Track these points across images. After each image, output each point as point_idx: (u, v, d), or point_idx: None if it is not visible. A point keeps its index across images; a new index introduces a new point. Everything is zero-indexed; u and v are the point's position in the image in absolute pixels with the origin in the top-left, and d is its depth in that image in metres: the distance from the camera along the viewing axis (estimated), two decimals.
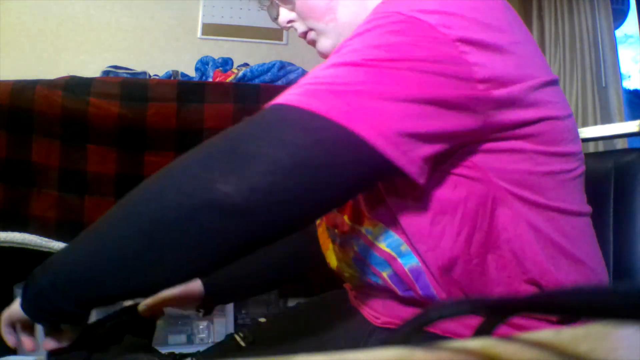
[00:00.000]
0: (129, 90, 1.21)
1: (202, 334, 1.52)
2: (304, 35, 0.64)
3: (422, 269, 0.52)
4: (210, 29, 2.82)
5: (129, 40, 2.69)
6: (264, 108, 0.46)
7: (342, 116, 0.41)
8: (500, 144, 0.48)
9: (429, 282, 0.52)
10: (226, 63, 1.66)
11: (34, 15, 2.54)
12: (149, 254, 0.42)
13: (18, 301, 0.49)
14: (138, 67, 1.85)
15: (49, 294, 0.45)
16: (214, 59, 1.66)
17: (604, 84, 2.20)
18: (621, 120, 2.08)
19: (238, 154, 0.41)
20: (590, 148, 1.76)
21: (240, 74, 1.44)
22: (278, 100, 0.45)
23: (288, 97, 0.44)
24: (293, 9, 0.62)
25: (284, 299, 1.86)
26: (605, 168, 0.74)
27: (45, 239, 1.19)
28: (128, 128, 1.20)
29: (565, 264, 0.51)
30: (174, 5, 2.76)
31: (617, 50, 2.51)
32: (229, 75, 1.47)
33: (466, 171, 0.49)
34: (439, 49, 0.43)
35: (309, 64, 2.57)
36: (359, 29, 0.47)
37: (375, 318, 0.61)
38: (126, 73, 1.65)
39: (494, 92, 0.45)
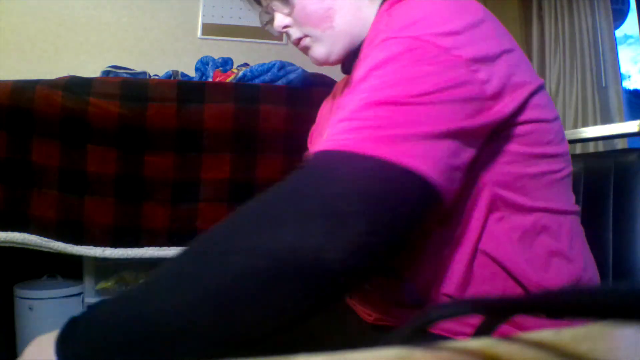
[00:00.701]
0: (129, 90, 1.21)
1: None
2: (298, 41, 0.64)
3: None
4: (210, 29, 2.82)
5: (129, 40, 2.69)
6: (320, 153, 0.43)
7: (409, 161, 0.40)
8: (491, 146, 0.49)
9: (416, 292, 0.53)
10: (226, 63, 1.66)
11: (34, 15, 2.54)
12: (227, 316, 0.37)
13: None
14: (138, 67, 1.85)
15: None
16: (214, 59, 1.66)
17: (604, 84, 2.20)
18: (621, 120, 2.08)
19: (331, 214, 0.38)
20: (590, 148, 1.76)
21: (240, 74, 1.44)
22: (335, 145, 0.42)
23: (345, 142, 0.42)
24: (290, 14, 0.62)
25: None
26: (605, 168, 0.74)
27: (45, 239, 1.19)
28: (128, 128, 1.20)
29: (555, 262, 0.52)
30: (174, 5, 2.76)
31: (617, 51, 2.51)
32: (229, 75, 1.47)
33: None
34: (458, 73, 0.44)
35: (309, 64, 2.57)
36: (377, 55, 0.46)
37: (368, 315, 0.62)
38: (126, 73, 1.65)
39: (500, 105, 0.46)
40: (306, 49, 0.64)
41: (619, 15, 2.63)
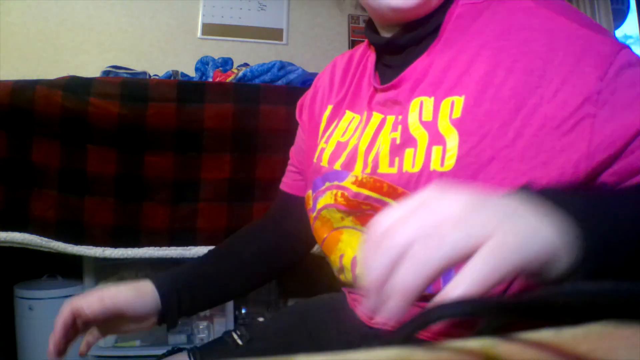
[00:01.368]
0: (129, 90, 1.21)
1: (202, 334, 1.52)
2: None
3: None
4: (210, 29, 2.82)
5: (129, 40, 2.69)
6: None
7: None
8: None
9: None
10: (226, 63, 1.66)
11: (34, 15, 2.54)
12: None
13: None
14: (138, 67, 1.85)
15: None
16: (214, 59, 1.66)
17: None
18: None
19: None
20: None
21: (240, 74, 1.44)
22: None
23: None
24: None
25: (284, 299, 1.86)
26: None
27: (45, 239, 1.19)
28: (128, 128, 1.20)
29: None
30: (174, 5, 2.76)
31: None
32: (229, 75, 1.47)
33: None
34: None
35: (309, 64, 2.57)
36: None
37: (369, 318, 0.61)
38: (126, 73, 1.65)
39: None
40: None
41: (619, 15, 2.63)
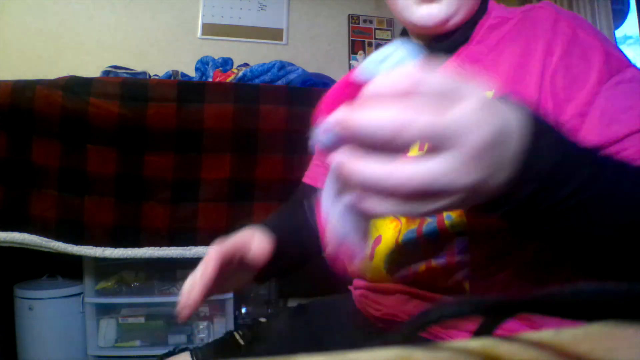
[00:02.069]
0: (129, 90, 1.21)
1: (202, 334, 1.52)
2: None
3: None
4: (210, 29, 2.82)
5: (129, 40, 2.69)
6: None
7: None
8: None
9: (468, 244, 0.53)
10: (226, 63, 1.66)
11: (34, 15, 2.54)
12: None
13: None
14: (138, 67, 1.85)
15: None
16: (214, 59, 1.67)
17: None
18: None
19: None
20: None
21: (240, 74, 1.44)
22: None
23: None
24: None
25: (284, 299, 1.87)
26: None
27: (45, 239, 1.19)
28: (128, 128, 1.20)
29: None
30: (174, 5, 2.76)
31: None
32: (229, 75, 1.47)
33: None
34: None
35: (309, 64, 2.57)
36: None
37: (377, 310, 0.61)
38: (126, 73, 1.65)
39: None
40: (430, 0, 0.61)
41: (619, 15, 2.63)
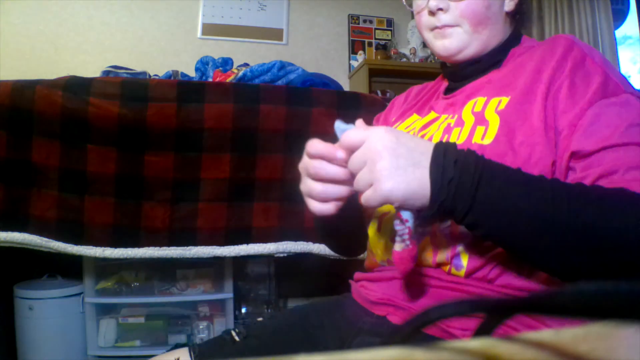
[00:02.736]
0: (129, 90, 1.21)
1: (202, 334, 1.53)
2: (442, 26, 0.65)
3: None
4: (210, 29, 2.82)
5: (129, 40, 2.69)
6: None
7: None
8: None
9: None
10: (226, 63, 1.66)
11: (34, 15, 2.54)
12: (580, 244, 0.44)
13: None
14: (138, 67, 1.85)
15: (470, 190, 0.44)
16: (214, 59, 1.66)
17: None
18: None
19: None
20: None
21: (240, 74, 1.44)
22: None
23: None
24: None
25: (284, 299, 1.87)
26: None
27: (45, 239, 1.19)
28: (128, 128, 1.20)
29: None
30: (174, 5, 2.76)
31: (617, 51, 2.51)
32: (229, 75, 1.47)
33: None
34: None
35: (308, 64, 2.57)
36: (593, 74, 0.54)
37: (374, 295, 0.63)
38: (126, 73, 1.65)
39: None
40: (443, 34, 0.66)
41: (619, 15, 2.63)
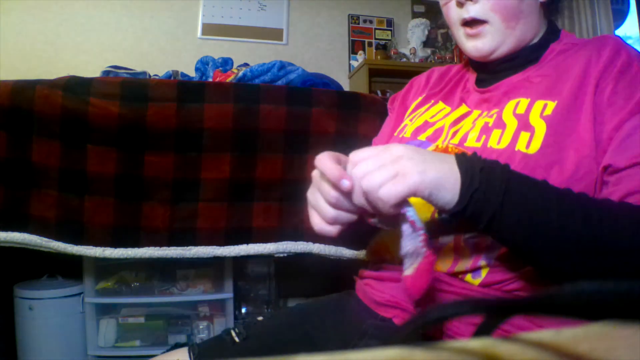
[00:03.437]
0: (129, 90, 1.21)
1: (202, 334, 1.53)
2: (471, 21, 0.62)
3: None
4: (210, 29, 2.82)
5: (129, 40, 2.69)
6: None
7: None
8: None
9: None
10: (226, 63, 1.66)
11: (34, 16, 2.54)
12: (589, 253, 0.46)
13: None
14: (138, 67, 1.85)
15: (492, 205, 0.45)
16: (214, 59, 1.66)
17: None
18: None
19: None
20: None
21: (240, 74, 1.44)
22: None
23: None
24: None
25: (284, 299, 1.87)
26: None
27: (45, 239, 1.19)
28: (128, 128, 1.20)
29: None
30: (174, 5, 2.76)
31: None
32: (229, 75, 1.47)
33: None
34: None
35: (308, 64, 2.57)
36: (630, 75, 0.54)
37: (380, 296, 0.63)
38: (126, 73, 1.65)
39: None
40: (475, 36, 0.63)
41: (619, 15, 2.63)
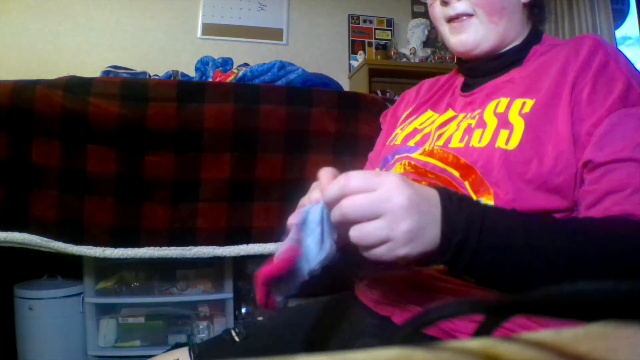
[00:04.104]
0: (129, 90, 1.21)
1: (202, 334, 1.52)
2: (456, 16, 0.63)
3: None
4: (210, 29, 2.82)
5: (129, 40, 2.69)
6: None
7: None
8: None
9: None
10: (226, 63, 1.66)
11: (34, 15, 2.54)
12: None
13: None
14: (138, 67, 1.85)
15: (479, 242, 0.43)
16: (214, 59, 1.66)
17: None
18: None
19: None
20: None
21: (240, 74, 1.44)
22: None
23: None
24: None
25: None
26: None
27: (45, 239, 1.19)
28: (128, 128, 1.20)
29: None
30: (174, 5, 2.77)
31: None
32: (229, 75, 1.47)
33: None
34: None
35: (309, 64, 2.57)
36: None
37: (380, 297, 0.63)
38: (126, 73, 1.65)
39: None
40: (460, 29, 0.63)
41: (619, 16, 2.63)
